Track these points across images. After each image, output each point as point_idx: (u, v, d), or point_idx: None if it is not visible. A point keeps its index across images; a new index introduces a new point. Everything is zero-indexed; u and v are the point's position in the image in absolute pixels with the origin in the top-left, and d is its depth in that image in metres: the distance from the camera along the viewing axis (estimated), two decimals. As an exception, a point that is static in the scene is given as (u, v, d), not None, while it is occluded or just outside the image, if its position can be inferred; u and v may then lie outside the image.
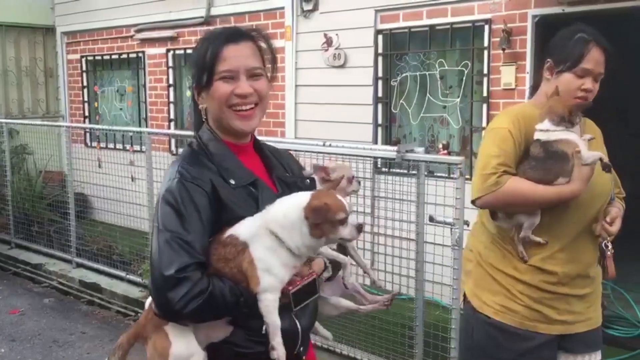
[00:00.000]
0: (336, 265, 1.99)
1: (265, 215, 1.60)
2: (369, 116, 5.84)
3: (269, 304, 1.56)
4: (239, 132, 1.76)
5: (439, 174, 4.46)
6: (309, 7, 6.13)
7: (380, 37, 5.77)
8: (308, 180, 1.97)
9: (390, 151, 3.89)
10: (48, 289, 6.31)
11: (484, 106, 5.16)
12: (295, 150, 4.45)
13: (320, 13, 6.10)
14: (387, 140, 5.78)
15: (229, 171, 1.70)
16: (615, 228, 2.15)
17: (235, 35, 1.74)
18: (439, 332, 3.79)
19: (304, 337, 1.73)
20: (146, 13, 7.69)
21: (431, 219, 3.60)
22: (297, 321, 1.69)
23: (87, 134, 8.65)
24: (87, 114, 8.93)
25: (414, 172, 3.85)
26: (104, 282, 5.99)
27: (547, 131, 2.14)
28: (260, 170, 1.83)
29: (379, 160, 5.05)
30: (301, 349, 1.74)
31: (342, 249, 2.00)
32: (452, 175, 3.67)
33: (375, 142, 5.77)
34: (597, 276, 2.32)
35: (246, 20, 6.78)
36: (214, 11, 7.03)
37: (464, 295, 2.43)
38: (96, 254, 6.32)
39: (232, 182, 1.68)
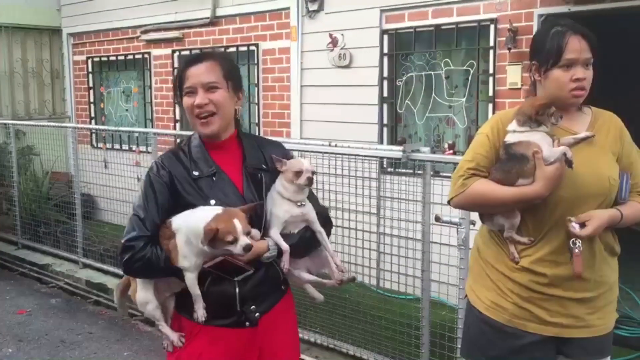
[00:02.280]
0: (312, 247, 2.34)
1: (188, 217, 2.06)
2: (374, 116, 5.84)
3: (188, 281, 2.08)
4: (203, 135, 2.22)
5: (444, 174, 4.45)
6: (314, 7, 6.13)
7: (385, 37, 5.77)
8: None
9: (396, 151, 3.89)
10: (55, 290, 6.33)
11: (490, 106, 5.15)
12: (301, 151, 4.46)
13: (326, 13, 6.11)
14: (393, 140, 5.77)
15: (196, 164, 2.18)
16: (585, 231, 2.06)
17: (195, 58, 2.22)
18: (445, 332, 3.78)
19: (249, 299, 2.15)
20: (152, 14, 7.71)
21: (437, 218, 3.59)
22: (236, 286, 2.12)
23: (93, 135, 8.68)
24: (93, 115, 8.96)
25: (419, 172, 3.85)
26: (110, 282, 5.99)
27: (513, 132, 2.18)
28: (235, 163, 2.24)
29: (385, 160, 5.04)
30: (252, 307, 2.15)
31: (312, 231, 2.30)
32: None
33: (380, 142, 5.77)
34: (606, 281, 2.22)
35: (252, 20, 6.80)
36: (220, 12, 7.05)
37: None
38: (103, 255, 6.34)
39: (196, 173, 2.16)
